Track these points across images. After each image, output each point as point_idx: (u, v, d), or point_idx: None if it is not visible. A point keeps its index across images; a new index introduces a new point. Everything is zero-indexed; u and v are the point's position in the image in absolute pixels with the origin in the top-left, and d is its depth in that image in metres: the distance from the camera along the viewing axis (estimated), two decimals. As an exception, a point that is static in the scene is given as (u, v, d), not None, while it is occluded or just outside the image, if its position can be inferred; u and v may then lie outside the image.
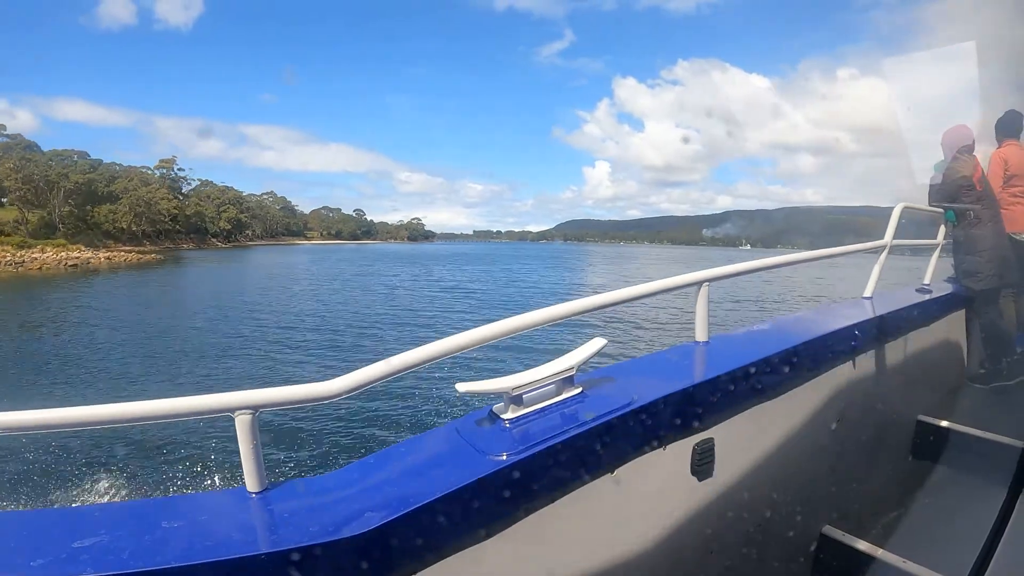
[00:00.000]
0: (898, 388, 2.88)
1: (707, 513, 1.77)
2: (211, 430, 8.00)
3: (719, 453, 1.75)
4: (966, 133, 3.71)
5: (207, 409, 1.17)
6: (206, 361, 14.18)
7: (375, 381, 1.27)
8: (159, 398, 1.13)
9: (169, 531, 1.08)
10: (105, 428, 1.19)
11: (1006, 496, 1.16)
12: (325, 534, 1.07)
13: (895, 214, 3.25)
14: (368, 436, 8.33)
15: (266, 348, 15.63)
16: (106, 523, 1.11)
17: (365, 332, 18.29)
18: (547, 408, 1.53)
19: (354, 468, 1.36)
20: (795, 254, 2.76)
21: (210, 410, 1.17)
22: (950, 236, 3.83)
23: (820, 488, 2.33)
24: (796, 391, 2.10)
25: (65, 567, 0.97)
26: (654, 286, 1.89)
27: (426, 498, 1.17)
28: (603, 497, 1.48)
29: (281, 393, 1.21)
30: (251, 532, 1.13)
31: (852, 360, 2.43)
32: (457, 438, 1.43)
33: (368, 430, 8.55)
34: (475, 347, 1.42)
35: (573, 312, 1.66)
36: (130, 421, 1.15)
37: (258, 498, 1.21)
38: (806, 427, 2.19)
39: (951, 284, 3.77)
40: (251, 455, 1.19)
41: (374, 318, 21.53)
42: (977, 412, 3.17)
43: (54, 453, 7.38)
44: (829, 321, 2.52)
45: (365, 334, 17.91)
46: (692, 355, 2.04)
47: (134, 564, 0.97)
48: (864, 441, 2.58)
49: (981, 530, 1.15)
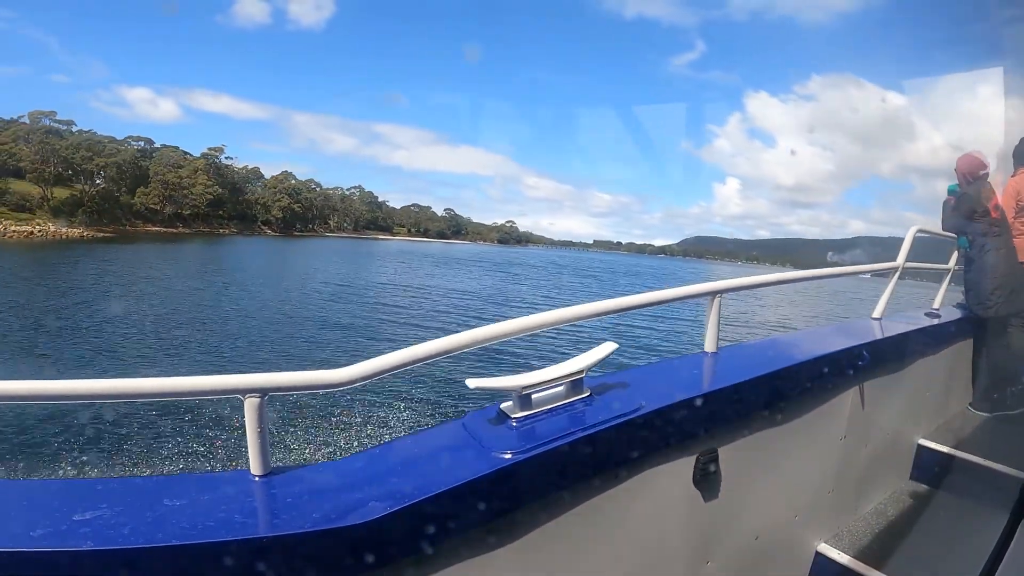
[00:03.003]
0: (901, 410, 2.88)
1: (706, 524, 1.79)
2: (216, 411, 8.00)
3: (722, 465, 1.76)
4: (980, 160, 3.72)
5: (217, 389, 1.17)
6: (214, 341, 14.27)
7: (386, 371, 1.27)
8: (168, 376, 1.13)
9: (171, 509, 1.07)
10: (111, 403, 1.11)
11: (1006, 525, 1.15)
12: (327, 521, 1.07)
13: (908, 237, 3.25)
14: (376, 427, 8.30)
15: (272, 333, 15.72)
16: (107, 497, 1.10)
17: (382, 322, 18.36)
18: (555, 409, 1.53)
19: (359, 458, 1.37)
20: (809, 271, 2.79)
21: (220, 390, 1.18)
22: (962, 262, 3.81)
23: (819, 505, 2.34)
24: (801, 408, 2.12)
25: (65, 539, 0.96)
26: (667, 294, 1.91)
27: (429, 492, 1.16)
28: (604, 502, 1.49)
29: (292, 378, 1.21)
30: (253, 515, 1.12)
31: (858, 380, 2.43)
32: (464, 434, 1.43)
33: (376, 421, 8.51)
34: (487, 343, 1.44)
35: (585, 315, 1.68)
36: (139, 397, 1.16)
37: (262, 482, 1.20)
38: (809, 444, 2.21)
39: (960, 310, 3.77)
40: (257, 438, 1.18)
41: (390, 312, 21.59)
42: (979, 440, 3.18)
43: (57, 425, 7.42)
44: (837, 340, 2.53)
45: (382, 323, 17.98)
46: (701, 366, 2.05)
47: (134, 540, 0.97)
48: (864, 461, 2.59)
49: (977, 556, 1.17)
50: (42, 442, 6.92)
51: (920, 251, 3.38)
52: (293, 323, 17.44)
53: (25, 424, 7.20)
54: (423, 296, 27.22)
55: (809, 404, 2.16)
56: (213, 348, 13.71)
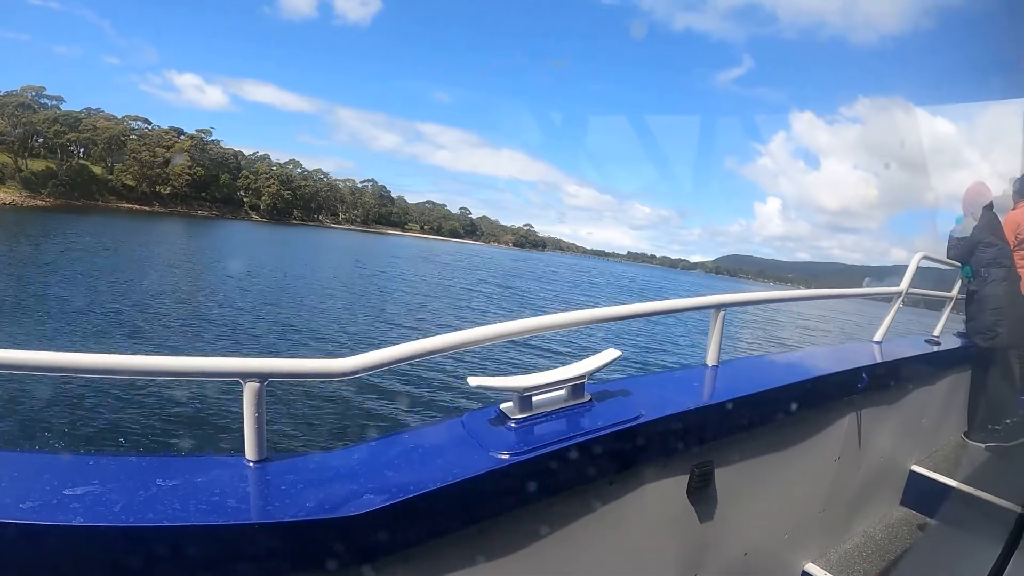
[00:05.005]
0: (896, 435, 2.89)
1: (697, 536, 1.79)
2: (213, 394, 7.83)
3: (717, 479, 1.77)
4: (985, 191, 3.78)
5: (217, 371, 1.17)
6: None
7: (387, 364, 1.27)
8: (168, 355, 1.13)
9: (164, 490, 1.06)
10: (108, 378, 1.08)
11: (999, 557, 1.15)
12: (321, 511, 1.06)
13: (913, 263, 3.28)
14: (374, 419, 8.21)
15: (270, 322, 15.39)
16: (99, 474, 1.09)
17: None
18: (555, 412, 1.53)
19: (357, 450, 1.35)
20: (813, 290, 2.82)
21: (220, 373, 1.17)
22: (964, 291, 3.84)
23: (809, 525, 2.34)
24: (797, 426, 2.12)
25: (55, 513, 0.95)
26: (671, 304, 1.92)
27: (425, 487, 1.16)
28: (598, 508, 1.49)
29: (292, 365, 1.21)
30: (246, 500, 1.11)
31: (855, 402, 2.44)
32: (463, 432, 1.43)
33: (375, 413, 8.42)
34: (490, 343, 1.43)
35: (590, 320, 1.69)
36: (138, 374, 1.15)
37: (256, 468, 1.19)
38: (803, 463, 2.21)
39: (960, 339, 3.79)
40: (254, 424, 1.17)
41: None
42: (972, 469, 3.20)
43: (52, 398, 7.15)
44: (837, 361, 2.54)
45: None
46: (702, 378, 2.05)
47: (125, 518, 0.96)
48: (857, 484, 2.59)
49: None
50: (33, 414, 6.66)
51: (928, 279, 3.42)
52: (294, 311, 17.12)
53: (14, 394, 6.88)
54: (429, 292, 26.88)
55: (806, 423, 2.17)
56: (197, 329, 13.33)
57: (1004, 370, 3.66)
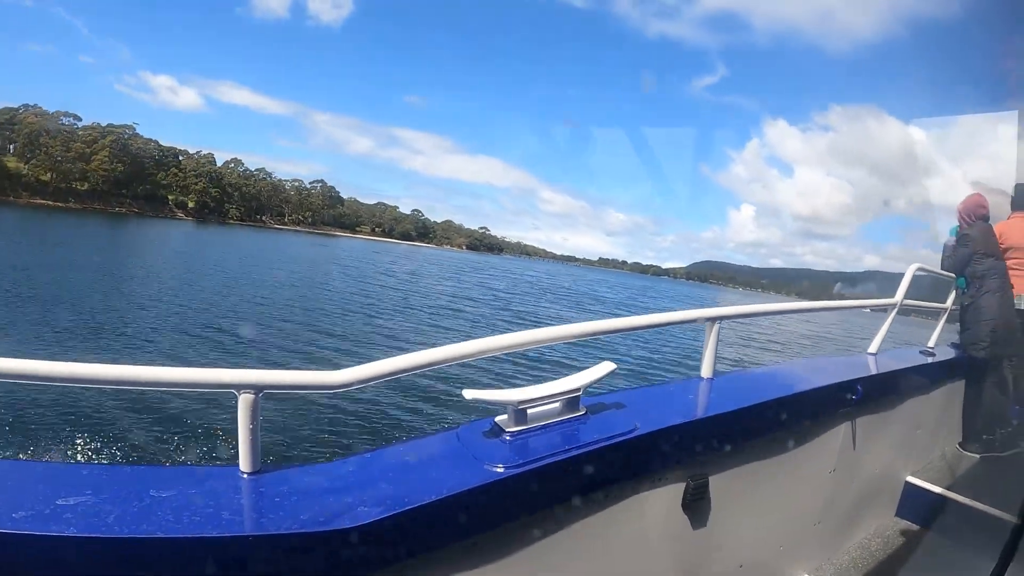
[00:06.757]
0: (891, 446, 2.90)
1: (692, 549, 1.79)
2: (207, 405, 7.78)
3: (712, 491, 1.77)
4: (980, 202, 3.81)
5: (212, 383, 1.16)
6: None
7: (382, 377, 1.28)
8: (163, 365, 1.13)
9: (157, 501, 1.06)
10: (102, 388, 1.09)
11: (995, 568, 1.15)
12: (314, 523, 1.06)
13: (908, 274, 3.31)
14: (369, 432, 8.14)
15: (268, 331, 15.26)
16: (92, 484, 1.09)
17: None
18: (550, 426, 1.54)
19: (351, 462, 1.35)
20: (807, 302, 2.81)
21: (215, 384, 1.16)
22: (959, 302, 3.87)
23: (804, 537, 2.34)
24: (792, 438, 2.13)
25: (47, 523, 0.94)
26: (665, 317, 1.93)
27: (419, 500, 1.16)
28: (593, 521, 1.49)
29: (287, 377, 1.21)
30: (240, 512, 1.11)
31: (850, 414, 2.45)
32: (458, 445, 1.43)
33: (370, 426, 8.35)
34: (484, 356, 1.44)
35: (584, 333, 1.69)
36: (132, 384, 1.14)
37: (250, 479, 1.19)
38: (799, 475, 2.21)
39: (954, 350, 3.81)
40: (248, 435, 1.17)
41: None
42: (967, 480, 3.20)
43: (42, 407, 7.07)
44: (832, 373, 2.54)
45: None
46: (696, 391, 2.06)
47: (119, 529, 0.96)
48: (852, 495, 2.60)
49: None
50: (25, 422, 6.58)
51: (923, 289, 3.45)
52: (288, 323, 16.99)
53: (7, 403, 6.83)
54: (425, 302, 26.73)
55: (801, 435, 2.18)
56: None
57: (998, 380, 3.68)
